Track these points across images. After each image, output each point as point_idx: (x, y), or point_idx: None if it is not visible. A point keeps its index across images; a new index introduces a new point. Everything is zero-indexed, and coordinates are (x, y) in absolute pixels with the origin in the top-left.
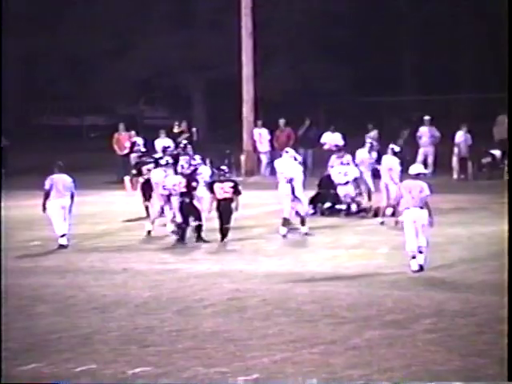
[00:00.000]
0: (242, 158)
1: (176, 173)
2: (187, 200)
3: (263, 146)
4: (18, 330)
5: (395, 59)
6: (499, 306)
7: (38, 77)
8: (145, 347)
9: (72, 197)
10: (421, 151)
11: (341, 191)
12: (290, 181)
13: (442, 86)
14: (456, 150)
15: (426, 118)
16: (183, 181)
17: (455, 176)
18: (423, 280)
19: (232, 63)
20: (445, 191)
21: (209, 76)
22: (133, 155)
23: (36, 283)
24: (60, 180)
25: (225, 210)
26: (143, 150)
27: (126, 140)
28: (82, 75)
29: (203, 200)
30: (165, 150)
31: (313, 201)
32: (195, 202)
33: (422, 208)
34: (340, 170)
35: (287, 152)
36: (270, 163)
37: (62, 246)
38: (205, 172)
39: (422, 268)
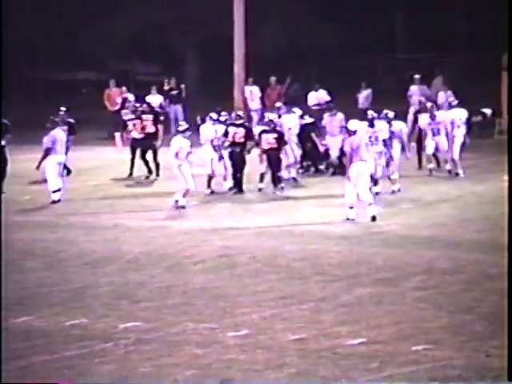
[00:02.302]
0: (233, 115)
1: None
2: (237, 150)
3: (254, 103)
4: (10, 284)
5: (388, 17)
6: (488, 263)
7: (29, 31)
8: (135, 302)
9: (66, 153)
10: (411, 110)
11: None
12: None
13: (435, 44)
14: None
15: (417, 76)
16: (241, 131)
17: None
18: (413, 238)
19: (224, 21)
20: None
21: (201, 33)
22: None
23: (27, 237)
24: (58, 136)
25: (273, 159)
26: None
27: (117, 96)
28: (74, 30)
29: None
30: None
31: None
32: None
33: (365, 161)
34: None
35: (279, 108)
36: (261, 121)
37: (54, 202)
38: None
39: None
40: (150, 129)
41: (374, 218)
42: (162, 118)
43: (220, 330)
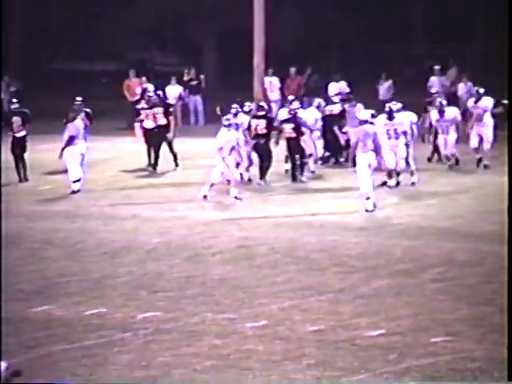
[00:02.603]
0: (253, 106)
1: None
2: (262, 141)
3: (274, 94)
4: (30, 273)
5: (407, 8)
6: (507, 256)
7: (49, 22)
8: (154, 292)
9: (85, 140)
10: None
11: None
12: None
13: (454, 34)
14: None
15: (436, 67)
16: (263, 122)
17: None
18: (432, 229)
19: (244, 11)
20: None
21: (220, 24)
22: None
23: (47, 227)
24: (80, 126)
25: (294, 148)
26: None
27: (136, 86)
28: (93, 20)
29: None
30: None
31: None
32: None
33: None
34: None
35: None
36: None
37: (74, 192)
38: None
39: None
40: (161, 121)
41: (369, 211)
42: (171, 109)
43: (239, 320)
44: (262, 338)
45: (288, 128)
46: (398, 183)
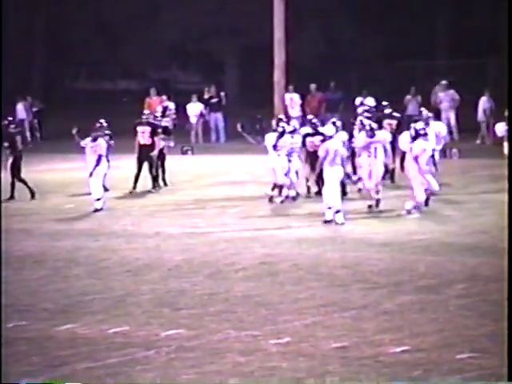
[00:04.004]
0: (273, 122)
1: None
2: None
3: (294, 110)
4: (54, 292)
5: (427, 22)
6: None
7: (71, 42)
8: (177, 310)
9: (108, 161)
10: (443, 116)
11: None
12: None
13: (476, 49)
14: (480, 115)
15: (443, 82)
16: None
17: (478, 141)
18: (456, 245)
19: (264, 28)
20: (478, 156)
21: (241, 41)
22: (165, 119)
23: (71, 245)
24: (103, 145)
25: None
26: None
27: (157, 104)
28: (115, 40)
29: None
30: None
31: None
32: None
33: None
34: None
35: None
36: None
37: (97, 210)
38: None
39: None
40: (147, 140)
41: (341, 224)
42: (159, 130)
43: (262, 337)
44: (285, 354)
45: (317, 141)
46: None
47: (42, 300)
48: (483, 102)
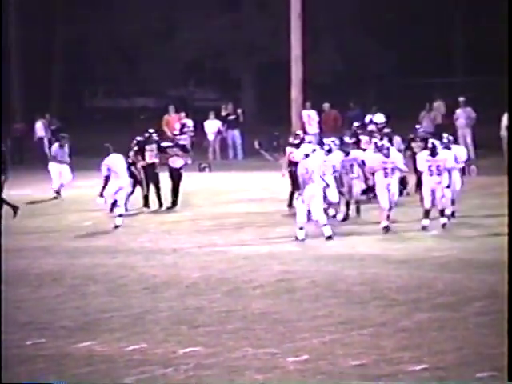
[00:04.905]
0: (291, 139)
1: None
2: (294, 169)
3: (312, 127)
4: (72, 309)
5: (445, 39)
6: None
7: (89, 61)
8: (195, 327)
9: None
10: (459, 133)
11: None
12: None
13: (493, 65)
14: (502, 130)
15: (461, 99)
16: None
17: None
18: (474, 262)
19: (281, 45)
20: (496, 173)
21: (258, 58)
22: (183, 137)
23: (88, 263)
24: (115, 161)
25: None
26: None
27: (175, 121)
28: (131, 58)
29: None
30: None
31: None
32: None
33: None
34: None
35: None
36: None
37: (117, 226)
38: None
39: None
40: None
41: (329, 238)
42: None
43: (280, 355)
44: (303, 372)
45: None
46: (444, 224)
47: (60, 318)
48: (505, 118)
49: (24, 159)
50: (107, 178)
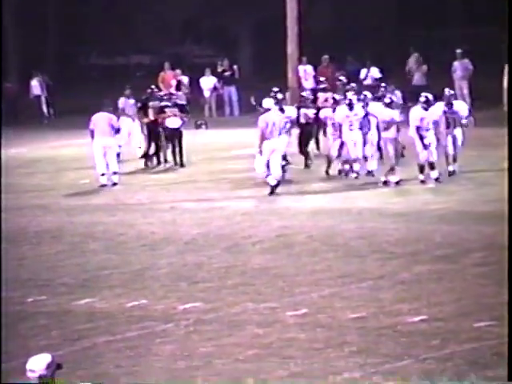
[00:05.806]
0: (287, 95)
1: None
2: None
3: (308, 82)
4: (72, 267)
5: None
6: None
7: (84, 18)
8: (194, 283)
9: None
10: (456, 85)
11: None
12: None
13: (491, 17)
14: (505, 82)
15: (458, 51)
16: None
17: (505, 108)
18: (472, 214)
19: (277, 1)
20: (493, 124)
21: (254, 14)
22: (179, 93)
23: (87, 221)
24: (97, 119)
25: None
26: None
27: (171, 78)
28: (127, 15)
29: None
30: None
31: None
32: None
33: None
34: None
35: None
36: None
37: (114, 184)
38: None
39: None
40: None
41: (272, 193)
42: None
43: (280, 309)
44: (303, 326)
45: (311, 113)
46: (437, 178)
47: (61, 275)
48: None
49: (19, 119)
50: (91, 132)
